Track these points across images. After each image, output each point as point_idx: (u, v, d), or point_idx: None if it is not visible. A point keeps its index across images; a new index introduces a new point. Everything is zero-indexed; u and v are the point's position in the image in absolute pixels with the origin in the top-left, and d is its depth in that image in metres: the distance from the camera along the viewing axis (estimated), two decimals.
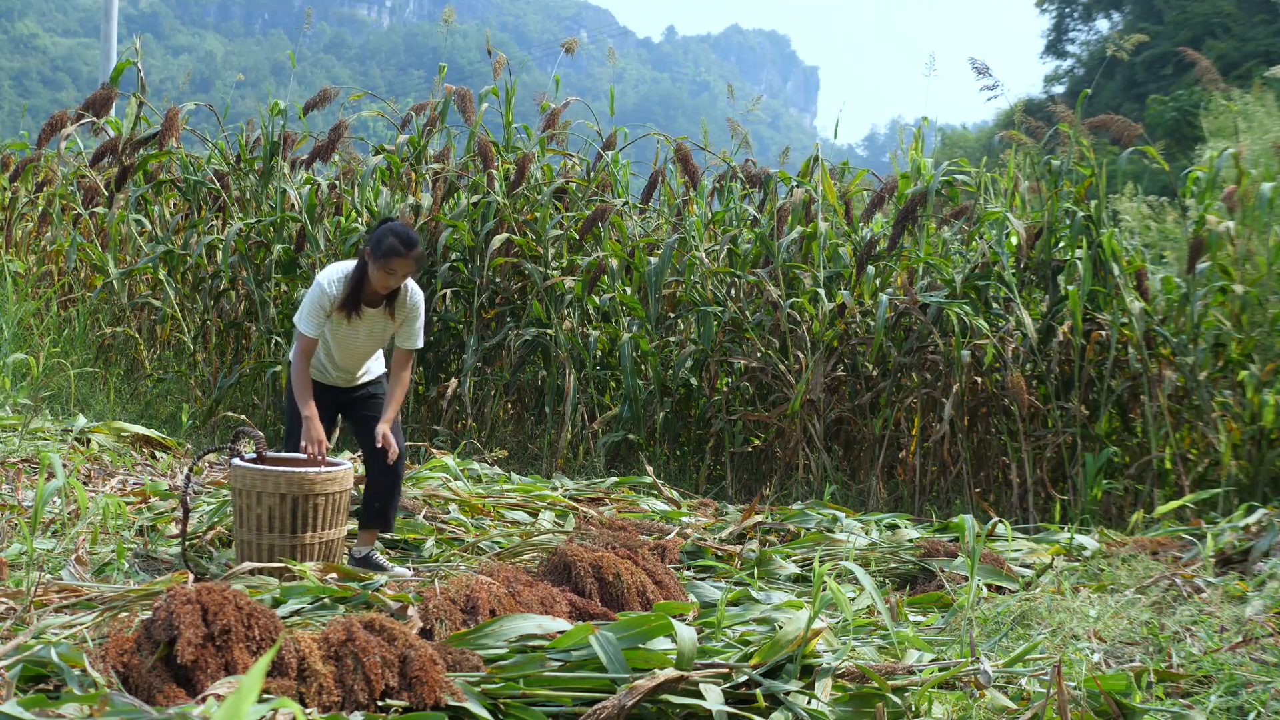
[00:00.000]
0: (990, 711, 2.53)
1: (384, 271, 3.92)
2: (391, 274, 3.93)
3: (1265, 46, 23.02)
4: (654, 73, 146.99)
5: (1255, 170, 6.17)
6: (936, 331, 6.40)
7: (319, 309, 3.99)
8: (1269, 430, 5.79)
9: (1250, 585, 3.72)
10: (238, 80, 43.91)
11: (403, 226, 4.00)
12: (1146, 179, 12.77)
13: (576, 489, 5.83)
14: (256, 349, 7.85)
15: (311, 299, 4.00)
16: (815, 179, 7.38)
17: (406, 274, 3.97)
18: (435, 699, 2.35)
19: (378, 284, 3.96)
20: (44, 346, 7.48)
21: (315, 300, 3.99)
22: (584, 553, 3.37)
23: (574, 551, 3.39)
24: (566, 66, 8.99)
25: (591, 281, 7.25)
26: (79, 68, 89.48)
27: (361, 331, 4.10)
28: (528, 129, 8.10)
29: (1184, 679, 2.81)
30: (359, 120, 8.55)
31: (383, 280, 3.95)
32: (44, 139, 8.11)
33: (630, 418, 6.88)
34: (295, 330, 4.05)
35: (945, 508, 6.21)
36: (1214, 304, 6.20)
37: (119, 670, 2.30)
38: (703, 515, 5.43)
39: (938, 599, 3.80)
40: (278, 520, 3.67)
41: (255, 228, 7.89)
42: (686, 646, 2.53)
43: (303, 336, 4.00)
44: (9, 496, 4.48)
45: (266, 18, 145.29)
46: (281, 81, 41.38)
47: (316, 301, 3.99)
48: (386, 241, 3.90)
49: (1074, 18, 33.48)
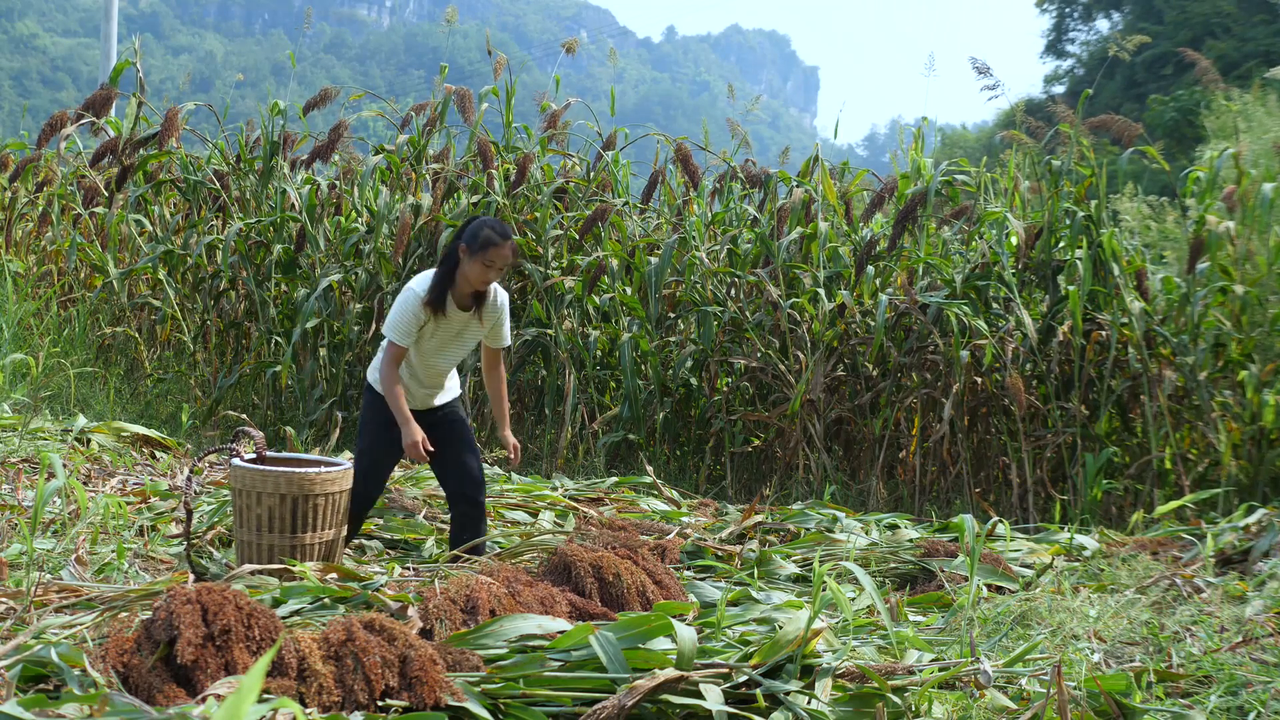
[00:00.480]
0: (990, 711, 2.53)
1: (482, 265, 3.80)
2: (490, 266, 3.81)
3: (1265, 46, 23.03)
4: (654, 73, 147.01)
5: (1255, 170, 6.17)
6: (936, 331, 6.40)
7: (413, 316, 3.84)
8: (1269, 430, 5.79)
9: (1250, 585, 3.72)
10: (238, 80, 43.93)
11: (494, 219, 3.92)
12: (1146, 179, 12.77)
13: (576, 489, 5.83)
14: (256, 349, 7.85)
15: (405, 305, 3.85)
16: (815, 179, 7.38)
17: (504, 265, 3.85)
18: (435, 699, 2.35)
19: (475, 280, 3.84)
20: (44, 346, 7.48)
21: (410, 306, 3.85)
22: (584, 553, 3.37)
23: (574, 551, 3.39)
24: (566, 66, 9.00)
25: (591, 281, 7.25)
26: (79, 68, 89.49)
27: (448, 337, 3.98)
28: (528, 129, 8.10)
29: (1184, 679, 2.81)
30: (359, 120, 8.55)
31: (481, 275, 3.83)
32: (44, 139, 8.11)
33: (630, 418, 6.88)
34: (384, 342, 3.93)
35: (945, 508, 6.21)
36: (1214, 304, 6.20)
37: (119, 670, 2.30)
38: (703, 515, 5.43)
39: (938, 599, 3.80)
40: (278, 520, 3.67)
41: (255, 228, 7.89)
42: (686, 646, 2.53)
43: (393, 345, 3.87)
44: (9, 496, 4.48)
45: (266, 18, 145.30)
46: (281, 81, 41.37)
47: (410, 308, 3.84)
48: (482, 233, 3.80)
49: (1074, 18, 33.49)
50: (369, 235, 7.77)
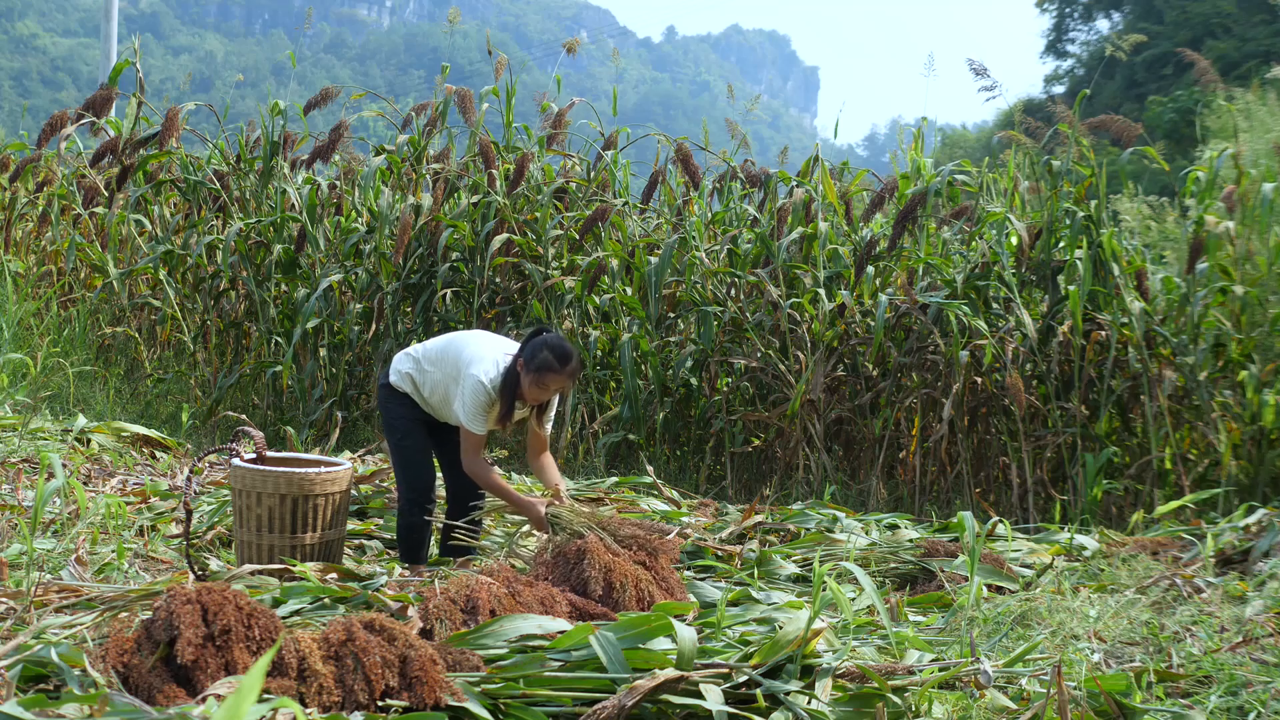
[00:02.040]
0: (990, 711, 2.53)
1: (537, 386, 3.84)
2: (544, 389, 3.85)
3: (1265, 46, 23.01)
4: (654, 73, 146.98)
5: (1255, 170, 6.17)
6: (936, 331, 6.40)
7: (484, 410, 3.91)
8: (1269, 430, 5.79)
9: (1250, 585, 3.71)
10: (238, 80, 43.88)
11: (558, 339, 3.90)
12: (1146, 179, 12.77)
13: (576, 489, 5.83)
14: (256, 349, 7.86)
15: (478, 402, 3.89)
16: (815, 179, 7.38)
17: (559, 389, 3.89)
18: (435, 699, 2.35)
19: (529, 396, 3.88)
20: (43, 347, 7.48)
21: (481, 404, 3.89)
22: (603, 552, 3.32)
23: (593, 546, 3.34)
24: (567, 66, 8.99)
25: (591, 281, 7.25)
26: (79, 68, 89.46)
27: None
28: (528, 129, 8.10)
29: (1184, 679, 2.81)
30: (359, 120, 8.55)
31: (535, 394, 3.87)
32: (44, 139, 8.11)
33: (630, 418, 6.88)
34: (464, 431, 3.95)
35: (945, 508, 6.21)
36: (1214, 304, 6.19)
37: (119, 670, 2.30)
38: (703, 515, 5.43)
39: (938, 599, 3.80)
40: (277, 521, 3.67)
41: (255, 228, 7.89)
42: (686, 646, 2.53)
43: (475, 435, 3.93)
44: (9, 496, 4.48)
45: (266, 18, 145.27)
46: (281, 81, 41.38)
47: (483, 406, 3.90)
48: (540, 355, 3.81)
49: (1074, 18, 33.49)
50: (369, 235, 7.78)
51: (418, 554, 4.16)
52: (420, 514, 4.09)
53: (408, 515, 4.13)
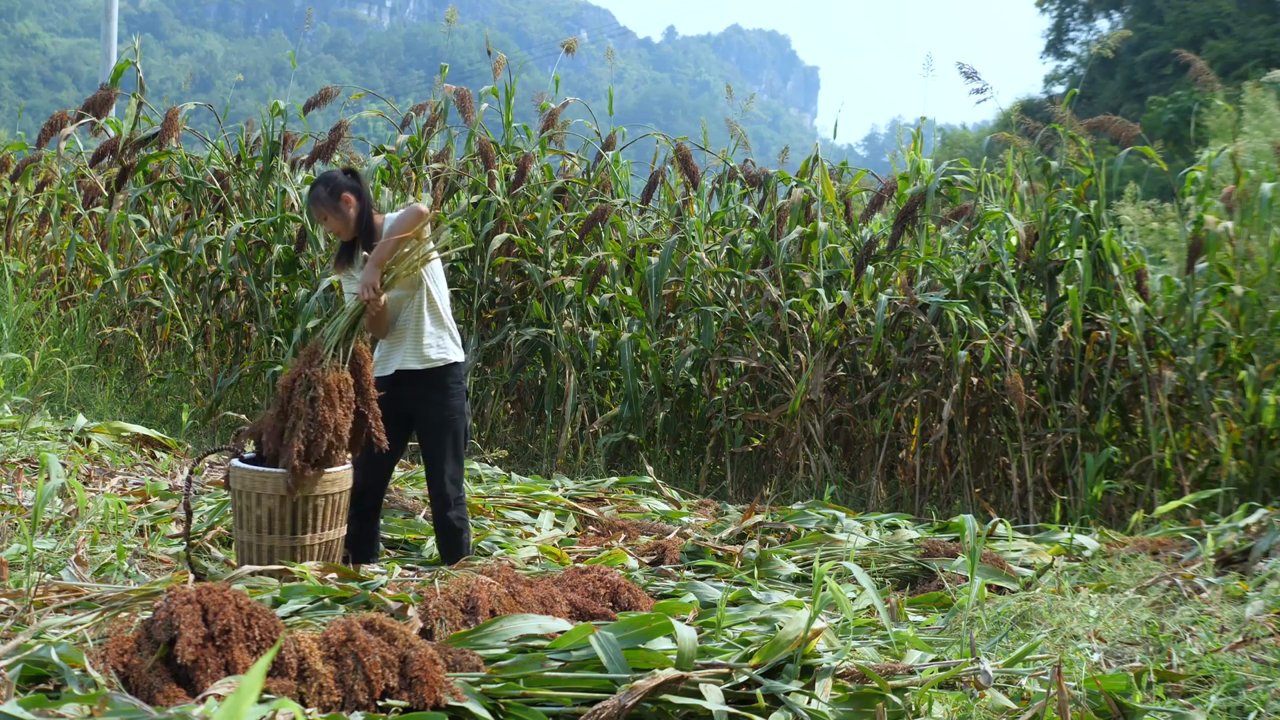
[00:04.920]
0: (990, 711, 2.53)
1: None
2: (321, 222, 4.01)
3: (1265, 46, 23.03)
4: (654, 73, 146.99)
5: (1254, 170, 6.17)
6: (936, 331, 6.40)
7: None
8: (1269, 430, 5.79)
9: (1250, 585, 3.71)
10: (238, 80, 43.92)
11: (323, 174, 4.02)
12: (1146, 179, 12.77)
13: (576, 489, 5.83)
14: (256, 349, 7.85)
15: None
16: (815, 179, 7.38)
17: (322, 218, 3.95)
18: (435, 699, 2.35)
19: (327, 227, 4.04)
20: (43, 347, 7.48)
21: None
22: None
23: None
24: (566, 66, 9.01)
25: (592, 281, 7.25)
26: (79, 68, 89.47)
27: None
28: (528, 129, 8.10)
29: (1184, 679, 2.81)
30: (359, 120, 8.55)
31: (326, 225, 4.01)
32: (44, 139, 8.11)
33: (630, 418, 6.88)
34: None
35: (945, 508, 6.21)
36: (1214, 304, 6.19)
37: (119, 670, 2.30)
38: (703, 515, 5.43)
39: (938, 599, 3.80)
40: (277, 521, 3.67)
41: (255, 228, 7.89)
42: (686, 646, 2.53)
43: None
44: (9, 496, 4.48)
45: (266, 18, 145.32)
46: (281, 81, 41.34)
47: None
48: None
49: (1074, 18, 33.52)
50: None
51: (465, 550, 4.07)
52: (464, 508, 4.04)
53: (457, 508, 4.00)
